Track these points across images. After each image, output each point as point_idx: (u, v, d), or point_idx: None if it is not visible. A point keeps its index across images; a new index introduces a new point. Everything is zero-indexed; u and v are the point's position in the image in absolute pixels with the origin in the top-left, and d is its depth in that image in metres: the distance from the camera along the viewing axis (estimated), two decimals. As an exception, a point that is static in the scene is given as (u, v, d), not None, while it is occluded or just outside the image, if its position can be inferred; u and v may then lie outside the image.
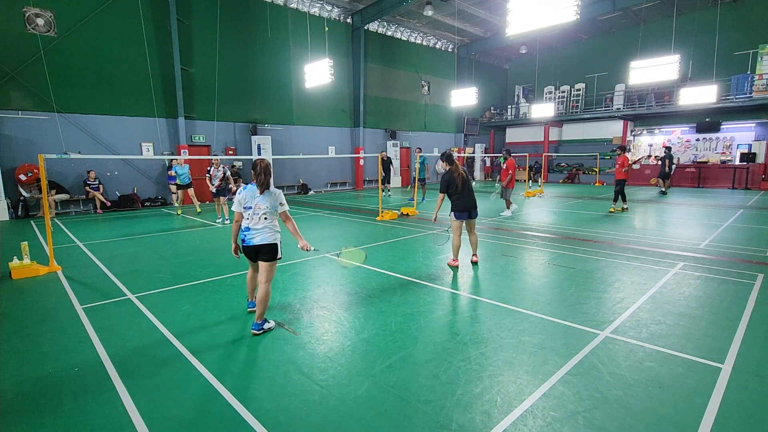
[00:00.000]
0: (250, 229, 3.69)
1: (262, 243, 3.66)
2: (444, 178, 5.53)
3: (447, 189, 5.51)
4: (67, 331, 3.82)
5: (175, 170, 11.54)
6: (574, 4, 8.24)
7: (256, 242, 3.67)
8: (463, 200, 5.50)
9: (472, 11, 19.14)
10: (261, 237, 3.66)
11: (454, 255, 5.72)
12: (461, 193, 5.50)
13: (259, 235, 3.67)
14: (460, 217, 5.52)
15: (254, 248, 3.70)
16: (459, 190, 5.49)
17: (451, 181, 5.47)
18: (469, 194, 5.54)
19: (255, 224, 3.68)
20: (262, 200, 3.66)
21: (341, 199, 15.42)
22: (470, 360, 3.15)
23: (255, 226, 3.68)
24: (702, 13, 18.57)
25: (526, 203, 13.43)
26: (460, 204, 5.49)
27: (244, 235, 3.75)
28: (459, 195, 5.49)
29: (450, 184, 5.48)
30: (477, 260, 5.88)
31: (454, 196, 5.51)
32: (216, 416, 2.51)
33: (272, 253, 3.69)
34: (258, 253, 3.70)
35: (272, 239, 3.68)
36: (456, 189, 5.48)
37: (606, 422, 2.40)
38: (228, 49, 15.23)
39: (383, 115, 21.35)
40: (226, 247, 7.22)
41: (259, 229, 3.67)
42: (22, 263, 5.66)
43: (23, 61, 11.39)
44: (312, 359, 3.21)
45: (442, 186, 5.55)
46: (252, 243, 3.68)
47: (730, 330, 3.62)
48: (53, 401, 2.71)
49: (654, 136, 21.67)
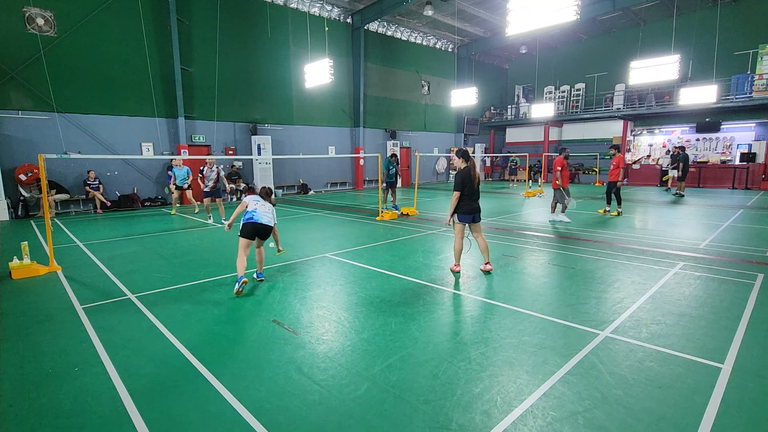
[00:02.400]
0: (257, 211, 5.00)
1: (268, 224, 5.02)
2: (459, 175, 5.14)
3: (462, 187, 5.13)
4: (67, 331, 3.82)
5: (174, 172, 11.55)
6: (574, 4, 8.24)
7: (264, 221, 4.98)
8: (473, 203, 5.20)
9: (472, 11, 19.13)
10: (267, 219, 5.02)
11: (456, 260, 5.44)
12: (473, 194, 5.19)
13: (265, 217, 5.02)
14: (463, 219, 5.23)
15: (260, 226, 4.96)
16: (473, 190, 5.17)
17: (467, 179, 5.12)
18: (478, 196, 5.27)
19: (263, 211, 5.04)
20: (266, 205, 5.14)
21: (341, 199, 15.42)
22: (470, 360, 3.15)
23: (263, 212, 5.03)
24: (702, 13, 18.57)
25: (526, 203, 13.43)
26: (467, 206, 5.18)
27: (251, 215, 4.96)
28: (469, 196, 5.16)
29: (465, 181, 5.12)
30: (491, 268, 5.43)
31: (465, 197, 5.16)
32: (216, 416, 2.51)
33: (268, 233, 5.10)
34: (258, 231, 4.98)
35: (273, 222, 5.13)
36: (471, 188, 5.15)
37: (606, 422, 2.40)
38: (228, 49, 15.23)
39: (383, 115, 21.35)
40: (226, 247, 7.23)
41: (266, 213, 5.05)
42: (22, 263, 5.66)
43: (23, 61, 11.39)
44: (312, 359, 3.21)
45: (457, 184, 5.16)
46: (261, 221, 4.96)
47: (730, 330, 3.62)
48: (53, 401, 2.71)
49: (654, 136, 21.67)
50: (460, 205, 5.21)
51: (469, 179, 5.14)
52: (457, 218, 5.28)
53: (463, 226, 5.32)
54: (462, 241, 5.34)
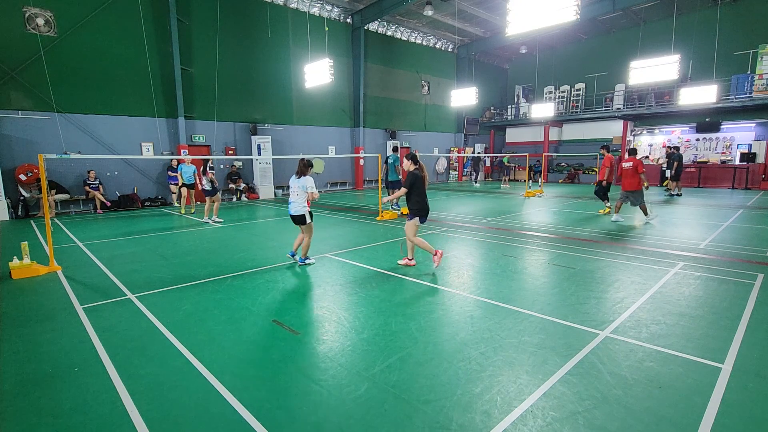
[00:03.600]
0: (289, 200, 5.65)
1: (295, 214, 5.56)
2: (410, 175, 5.64)
3: (412, 186, 5.59)
4: (67, 331, 3.82)
5: (181, 169, 11.56)
6: (574, 4, 8.24)
7: (291, 213, 5.60)
8: (425, 203, 5.64)
9: (472, 11, 19.13)
10: (295, 209, 5.52)
11: (410, 255, 5.88)
12: (423, 195, 5.62)
13: (294, 206, 5.55)
14: (418, 215, 5.64)
15: (292, 217, 5.66)
16: (422, 190, 5.63)
17: (418, 180, 5.58)
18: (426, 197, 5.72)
19: (292, 199, 5.62)
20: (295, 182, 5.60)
21: (341, 199, 15.42)
22: (470, 360, 3.15)
23: (292, 200, 5.62)
24: (702, 13, 18.57)
25: (526, 203, 13.43)
26: (422, 205, 5.61)
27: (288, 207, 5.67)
28: (420, 198, 5.60)
29: (415, 181, 5.58)
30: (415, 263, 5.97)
31: (417, 199, 5.59)
32: (216, 416, 2.51)
33: (302, 220, 5.65)
34: (294, 220, 5.66)
35: (301, 211, 5.59)
36: (421, 188, 5.61)
37: (606, 422, 2.40)
38: (228, 49, 15.23)
39: (383, 115, 21.35)
40: (227, 247, 7.23)
41: (295, 200, 5.57)
42: (22, 263, 5.66)
43: (23, 61, 11.39)
44: (312, 359, 3.21)
45: (407, 182, 5.61)
46: (290, 213, 5.67)
47: (730, 330, 3.62)
48: (53, 401, 2.71)
49: (654, 136, 21.67)
50: (419, 209, 5.63)
51: (419, 180, 5.62)
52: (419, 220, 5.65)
53: (418, 226, 5.74)
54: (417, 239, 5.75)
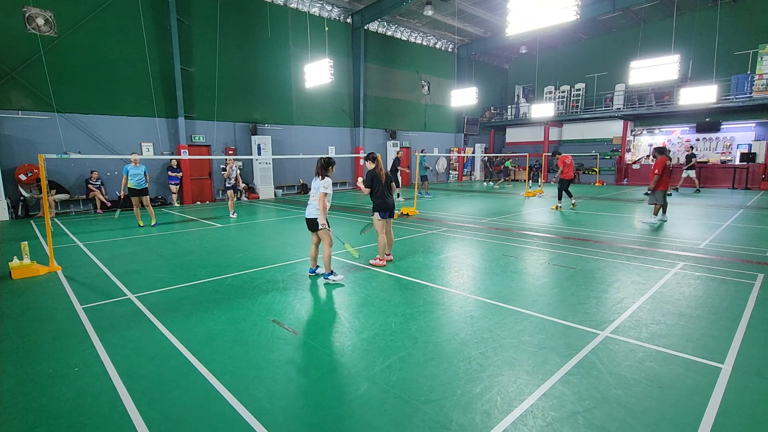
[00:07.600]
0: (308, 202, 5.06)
1: (308, 217, 5.06)
2: (369, 174, 5.92)
3: (372, 184, 5.87)
4: (67, 331, 3.82)
5: (126, 171, 9.23)
6: (574, 4, 8.24)
7: (306, 215, 5.07)
8: (386, 200, 5.88)
9: (472, 11, 19.13)
10: (309, 211, 5.02)
11: (380, 254, 5.97)
12: (384, 192, 5.88)
13: (307, 210, 5.04)
14: (383, 216, 5.89)
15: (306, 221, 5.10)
16: (382, 188, 5.86)
17: (376, 178, 5.85)
18: (389, 194, 5.98)
19: (309, 201, 5.07)
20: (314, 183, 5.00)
21: (341, 199, 15.41)
22: (470, 360, 3.15)
23: (309, 203, 5.05)
24: (702, 13, 18.57)
25: (526, 203, 13.43)
26: (384, 204, 5.86)
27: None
28: (381, 194, 5.85)
29: (375, 180, 5.85)
30: (392, 259, 6.16)
31: (378, 195, 5.85)
32: (216, 416, 2.51)
33: (314, 225, 5.04)
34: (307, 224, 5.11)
35: (314, 214, 5.00)
36: (379, 187, 5.85)
37: (606, 422, 2.40)
38: (228, 49, 15.22)
39: (383, 115, 21.35)
40: (226, 247, 7.23)
41: (309, 205, 5.05)
42: (22, 263, 5.66)
43: (23, 61, 11.38)
44: (312, 359, 3.21)
45: (367, 181, 5.90)
46: (305, 216, 5.09)
47: (730, 330, 3.62)
48: (53, 401, 2.71)
49: (654, 136, 21.68)
50: (380, 204, 5.87)
51: (378, 178, 5.86)
52: (378, 215, 5.89)
53: (384, 222, 5.92)
54: (384, 236, 5.96)
